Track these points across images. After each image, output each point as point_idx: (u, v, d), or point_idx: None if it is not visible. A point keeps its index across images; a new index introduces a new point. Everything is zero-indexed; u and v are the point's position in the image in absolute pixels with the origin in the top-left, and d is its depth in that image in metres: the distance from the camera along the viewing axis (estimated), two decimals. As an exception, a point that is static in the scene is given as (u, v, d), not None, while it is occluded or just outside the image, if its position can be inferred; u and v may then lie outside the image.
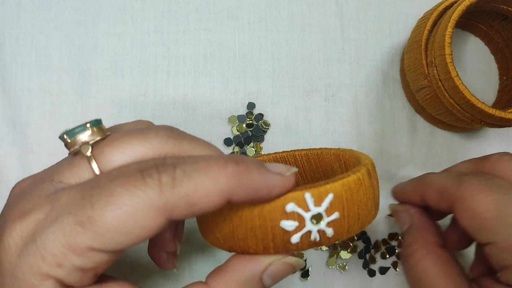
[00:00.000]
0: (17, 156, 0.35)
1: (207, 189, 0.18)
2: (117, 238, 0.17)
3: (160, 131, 0.20)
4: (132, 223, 0.17)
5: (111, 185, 0.17)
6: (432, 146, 0.38)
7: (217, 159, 0.18)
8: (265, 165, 0.20)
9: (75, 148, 0.20)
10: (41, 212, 0.18)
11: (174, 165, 0.18)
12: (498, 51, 0.39)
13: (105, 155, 0.20)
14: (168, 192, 0.17)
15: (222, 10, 0.38)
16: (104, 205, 0.17)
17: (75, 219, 0.17)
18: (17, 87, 0.36)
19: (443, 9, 0.34)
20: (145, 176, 0.17)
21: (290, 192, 0.19)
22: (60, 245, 0.17)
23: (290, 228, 0.19)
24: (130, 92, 0.37)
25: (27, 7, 0.37)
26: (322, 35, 0.38)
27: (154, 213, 0.17)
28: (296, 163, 0.29)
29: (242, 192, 0.18)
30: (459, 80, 0.31)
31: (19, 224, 0.18)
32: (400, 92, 0.39)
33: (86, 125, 0.20)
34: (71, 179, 0.20)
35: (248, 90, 0.37)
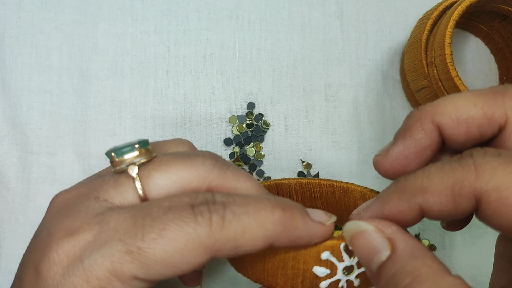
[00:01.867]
0: (17, 156, 0.35)
1: (254, 233, 0.18)
2: (162, 270, 0.18)
3: (206, 160, 0.21)
4: (180, 259, 0.18)
5: (164, 218, 0.18)
6: (432, 146, 0.38)
7: (265, 203, 0.19)
8: (308, 213, 0.20)
9: (121, 167, 0.20)
10: (89, 232, 0.18)
11: (224, 205, 0.18)
12: (498, 51, 0.39)
13: (151, 178, 0.20)
14: (218, 233, 0.18)
15: (222, 10, 0.38)
16: (156, 237, 0.17)
17: (124, 247, 0.18)
18: (17, 87, 0.36)
19: (443, 9, 0.34)
20: (197, 214, 0.18)
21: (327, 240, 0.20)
22: (106, 270, 0.17)
23: (321, 275, 0.20)
24: (130, 92, 0.37)
25: (27, 7, 0.37)
26: (322, 35, 0.38)
27: (201, 251, 0.18)
28: (321, 192, 0.29)
29: (285, 239, 0.19)
30: (459, 80, 0.31)
31: (66, 242, 0.18)
32: (400, 92, 0.39)
33: (135, 146, 0.20)
34: (115, 199, 0.20)
35: (248, 90, 0.37)
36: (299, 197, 0.30)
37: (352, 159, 0.37)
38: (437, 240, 0.37)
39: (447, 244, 0.37)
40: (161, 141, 0.24)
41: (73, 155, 0.36)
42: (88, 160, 0.36)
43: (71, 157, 0.36)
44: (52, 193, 0.36)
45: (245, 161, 0.36)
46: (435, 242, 0.37)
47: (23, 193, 0.35)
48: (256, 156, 0.36)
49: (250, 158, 0.36)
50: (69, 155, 0.36)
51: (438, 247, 0.37)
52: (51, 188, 0.35)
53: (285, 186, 0.30)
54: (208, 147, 0.37)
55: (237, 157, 0.36)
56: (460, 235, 0.37)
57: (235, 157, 0.36)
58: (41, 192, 0.35)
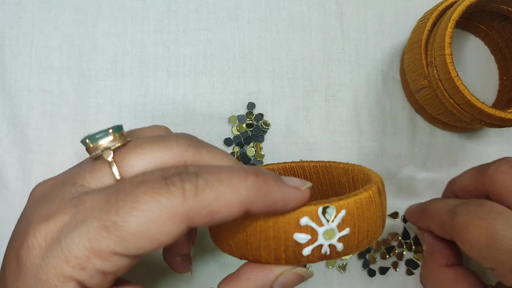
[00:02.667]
0: (17, 156, 0.35)
1: (228, 199, 0.18)
2: (140, 243, 0.18)
3: (180, 139, 0.21)
4: (156, 229, 0.18)
5: (136, 191, 0.18)
6: (433, 146, 0.38)
7: (238, 171, 0.19)
8: (282, 179, 0.20)
9: (96, 152, 0.21)
10: (65, 215, 0.18)
11: (196, 174, 0.19)
12: (498, 51, 0.39)
13: (126, 161, 0.20)
14: (191, 200, 0.18)
15: (222, 10, 0.38)
16: (129, 210, 0.17)
17: (100, 224, 0.18)
18: (17, 87, 0.36)
19: (443, 9, 0.34)
20: (169, 184, 0.18)
21: (304, 206, 0.20)
22: (85, 248, 0.17)
23: (302, 241, 0.20)
24: (130, 92, 0.37)
25: (27, 7, 0.37)
26: (322, 35, 0.38)
27: (177, 220, 0.18)
28: (305, 174, 0.30)
29: (260, 203, 0.19)
30: (459, 80, 0.31)
31: (43, 226, 0.18)
32: (400, 92, 0.39)
33: (108, 131, 0.21)
34: (92, 183, 0.20)
35: (248, 90, 0.37)
36: None
37: (352, 159, 0.37)
38: (437, 240, 0.37)
39: (447, 244, 0.37)
40: (137, 128, 0.24)
41: (73, 155, 0.36)
42: (88, 160, 0.36)
43: (71, 157, 0.36)
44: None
45: (245, 161, 0.36)
46: (435, 242, 0.37)
47: (23, 193, 0.35)
48: (256, 156, 0.36)
49: (250, 158, 0.36)
50: (69, 155, 0.36)
51: (438, 247, 0.37)
52: (51, 188, 0.35)
53: None
54: (208, 147, 0.37)
55: (237, 157, 0.36)
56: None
57: (235, 157, 0.36)
58: (41, 192, 0.35)
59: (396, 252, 0.37)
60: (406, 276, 0.37)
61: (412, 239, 0.37)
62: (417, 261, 0.37)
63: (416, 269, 0.37)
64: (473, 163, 0.38)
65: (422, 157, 0.38)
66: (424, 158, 0.38)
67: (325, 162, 0.29)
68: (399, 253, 0.37)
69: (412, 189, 0.38)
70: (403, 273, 0.37)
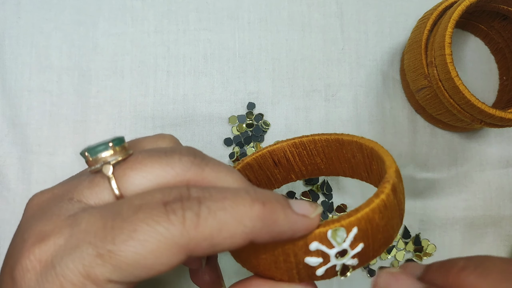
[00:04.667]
0: (17, 156, 0.35)
1: (231, 230, 0.17)
2: (136, 272, 0.17)
3: (183, 157, 0.20)
4: (153, 260, 0.17)
5: (134, 218, 0.17)
6: (433, 146, 0.38)
7: (243, 197, 0.18)
8: (290, 204, 0.19)
9: (96, 167, 0.20)
10: (60, 236, 0.18)
11: (199, 200, 0.18)
12: (498, 51, 0.39)
13: (126, 177, 0.19)
14: (192, 231, 0.17)
15: (222, 10, 0.38)
16: (126, 240, 0.17)
17: (95, 251, 0.17)
18: (17, 87, 0.36)
19: (443, 9, 0.34)
20: (169, 212, 0.17)
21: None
22: (79, 274, 0.17)
23: (314, 264, 0.19)
24: (130, 92, 0.37)
25: (27, 7, 0.37)
26: (322, 35, 0.38)
27: (175, 251, 0.17)
28: (317, 148, 0.28)
29: (266, 234, 0.18)
30: (459, 80, 0.31)
31: (37, 248, 0.18)
32: (400, 92, 0.39)
33: (109, 144, 0.20)
34: (90, 200, 0.19)
35: (248, 90, 0.37)
36: (296, 157, 0.29)
37: (352, 159, 0.37)
38: (437, 240, 0.37)
39: (447, 244, 0.37)
40: (141, 138, 0.23)
41: (73, 155, 0.36)
42: (88, 160, 0.36)
43: (71, 157, 0.36)
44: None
45: (245, 161, 0.36)
46: (435, 242, 0.37)
47: (24, 194, 0.35)
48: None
49: (250, 158, 0.36)
50: (69, 155, 0.36)
51: (438, 247, 0.37)
52: (51, 188, 0.35)
53: (278, 150, 0.29)
54: (208, 147, 0.37)
55: (237, 157, 0.36)
56: (460, 235, 0.37)
57: (235, 157, 0.36)
58: (41, 192, 0.35)
59: (396, 252, 0.37)
60: (406, 276, 0.37)
61: (412, 238, 0.37)
62: (417, 261, 0.37)
63: (416, 269, 0.37)
64: (473, 163, 0.38)
65: (422, 157, 0.38)
66: (425, 158, 0.38)
67: (337, 135, 0.27)
68: (399, 252, 0.37)
69: (413, 189, 0.38)
70: (403, 273, 0.37)
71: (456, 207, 0.38)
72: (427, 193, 0.38)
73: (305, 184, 0.37)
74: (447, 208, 0.38)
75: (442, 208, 0.38)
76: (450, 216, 0.37)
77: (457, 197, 0.38)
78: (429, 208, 0.37)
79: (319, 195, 0.37)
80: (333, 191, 0.37)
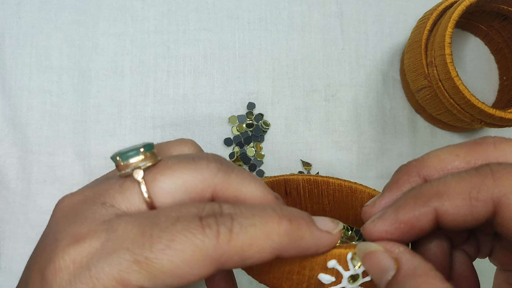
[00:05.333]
0: (17, 156, 0.35)
1: (260, 245, 0.18)
2: (168, 280, 0.18)
3: (211, 163, 0.21)
4: (186, 270, 0.18)
5: (172, 229, 0.18)
6: (433, 146, 0.38)
7: (271, 215, 0.19)
8: (314, 221, 0.20)
9: (126, 171, 0.20)
10: (97, 240, 0.18)
11: (231, 217, 0.18)
12: (498, 51, 0.39)
13: (156, 182, 0.20)
14: (225, 245, 0.18)
15: (222, 10, 0.38)
16: (164, 248, 0.17)
17: (132, 257, 0.17)
18: (17, 87, 0.36)
19: (443, 9, 0.34)
20: (205, 226, 0.18)
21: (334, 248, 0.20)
22: (113, 279, 0.17)
23: (326, 282, 0.20)
24: (130, 92, 0.37)
25: (27, 7, 0.37)
26: (322, 35, 0.38)
27: (208, 263, 0.18)
28: (328, 190, 0.29)
29: (292, 250, 0.19)
30: (459, 80, 0.31)
31: (73, 249, 0.18)
32: (400, 92, 0.39)
33: (140, 150, 0.20)
34: (122, 205, 0.20)
35: (248, 90, 0.37)
36: (307, 193, 0.30)
37: (352, 159, 0.37)
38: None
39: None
40: (164, 143, 0.24)
41: (73, 155, 0.36)
42: (88, 160, 0.36)
43: (71, 157, 0.36)
44: (52, 193, 0.36)
45: (245, 161, 0.36)
46: (435, 242, 0.37)
47: (24, 193, 0.35)
48: (256, 156, 0.36)
49: (250, 158, 0.36)
50: (69, 155, 0.36)
51: (438, 247, 0.37)
52: (51, 188, 0.35)
53: (293, 182, 0.30)
54: (208, 147, 0.37)
55: (237, 157, 0.36)
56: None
57: (235, 157, 0.36)
58: (42, 192, 0.35)
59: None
60: (406, 276, 0.37)
61: (412, 239, 0.37)
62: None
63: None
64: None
65: (422, 157, 0.38)
66: (424, 158, 0.38)
67: (351, 183, 0.28)
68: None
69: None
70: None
71: (456, 207, 0.38)
72: (427, 193, 0.38)
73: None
74: (447, 208, 0.38)
75: (442, 208, 0.38)
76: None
77: (457, 197, 0.38)
78: (429, 208, 0.37)
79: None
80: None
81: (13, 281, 0.34)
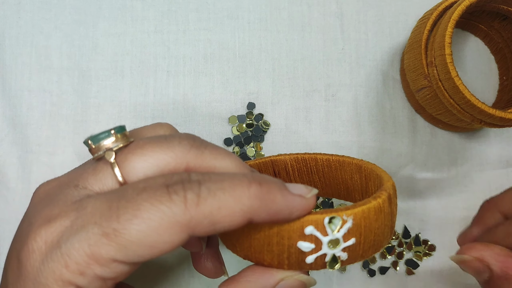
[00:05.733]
0: (17, 156, 0.35)
1: (230, 208, 0.18)
2: (140, 251, 0.18)
3: (183, 140, 0.21)
4: (156, 238, 0.17)
5: (138, 198, 0.18)
6: (433, 146, 0.38)
7: (241, 179, 0.19)
8: (286, 186, 0.20)
9: (99, 154, 0.20)
10: (67, 219, 0.18)
11: (199, 182, 0.18)
12: (498, 51, 0.39)
13: (128, 162, 0.20)
14: (193, 209, 0.18)
15: (222, 10, 0.38)
16: (130, 218, 0.17)
17: (100, 230, 0.18)
18: (17, 87, 0.36)
19: (443, 9, 0.34)
20: (171, 192, 0.18)
21: (310, 215, 0.20)
22: (84, 254, 0.17)
23: (306, 250, 0.20)
24: (130, 92, 0.37)
25: (27, 7, 0.37)
26: (322, 35, 0.38)
27: (178, 229, 0.18)
28: (317, 166, 0.29)
29: (263, 213, 0.19)
30: (459, 80, 0.31)
31: (44, 230, 0.18)
32: (400, 92, 0.39)
33: (111, 132, 0.21)
34: (94, 186, 0.20)
35: (248, 90, 0.37)
36: (296, 172, 0.30)
37: (352, 159, 0.37)
38: (437, 240, 0.37)
39: (447, 244, 0.37)
40: (140, 128, 0.24)
41: (73, 155, 0.36)
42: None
43: (71, 157, 0.36)
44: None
45: (245, 161, 0.36)
46: (435, 242, 0.37)
47: (23, 193, 0.35)
48: (256, 156, 0.36)
49: (250, 158, 0.36)
50: (69, 155, 0.36)
51: (438, 247, 0.37)
52: (51, 188, 0.35)
53: (280, 162, 0.29)
54: (208, 147, 0.37)
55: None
56: (460, 235, 0.37)
57: (235, 157, 0.36)
58: (41, 192, 0.35)
59: (396, 252, 0.37)
60: (406, 276, 0.37)
61: (412, 238, 0.37)
62: (417, 261, 0.37)
63: (416, 268, 0.37)
64: (473, 163, 0.38)
65: (422, 157, 0.38)
66: (424, 158, 0.38)
67: (338, 156, 0.28)
68: (399, 252, 0.37)
69: (412, 189, 0.38)
70: (403, 273, 0.37)
71: (456, 207, 0.38)
72: (427, 193, 0.38)
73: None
74: (447, 208, 0.38)
75: (442, 208, 0.38)
76: (450, 216, 0.37)
77: (457, 197, 0.38)
78: (429, 208, 0.37)
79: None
80: (333, 191, 0.37)
81: (13, 281, 0.34)
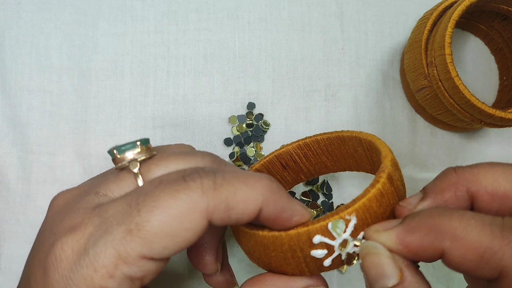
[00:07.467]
0: (17, 156, 0.35)
1: (244, 194, 0.19)
2: (164, 242, 0.18)
3: (206, 157, 0.22)
4: (178, 226, 0.18)
5: (156, 190, 0.18)
6: (433, 146, 0.38)
7: (252, 173, 0.20)
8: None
9: (123, 163, 0.21)
10: (90, 225, 0.19)
11: (214, 172, 0.19)
12: (498, 51, 0.39)
13: (152, 172, 0.21)
14: (210, 194, 0.18)
15: (222, 10, 0.38)
16: (150, 210, 0.18)
17: (123, 228, 0.18)
18: (17, 87, 0.36)
19: (443, 9, 0.34)
20: (188, 180, 0.19)
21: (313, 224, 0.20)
22: (111, 256, 0.18)
23: (320, 256, 0.20)
24: (130, 92, 0.37)
25: (27, 7, 0.37)
26: (322, 35, 0.38)
27: (197, 215, 0.18)
28: (321, 147, 0.30)
29: (272, 206, 0.20)
30: (459, 80, 0.31)
31: (70, 238, 0.19)
32: (400, 92, 0.39)
33: (136, 143, 0.21)
34: (116, 193, 0.20)
35: (248, 90, 0.37)
36: (303, 158, 0.30)
37: (352, 159, 0.37)
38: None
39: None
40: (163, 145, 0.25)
41: (73, 155, 0.36)
42: (88, 160, 0.36)
43: (71, 157, 0.36)
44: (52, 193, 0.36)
45: (245, 161, 0.36)
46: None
47: (24, 193, 0.35)
48: (256, 156, 0.36)
49: (250, 158, 0.36)
50: (69, 155, 0.36)
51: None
52: (51, 188, 0.35)
53: (285, 154, 0.30)
54: (208, 147, 0.37)
55: (237, 157, 0.36)
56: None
57: (235, 157, 0.36)
58: (42, 192, 0.35)
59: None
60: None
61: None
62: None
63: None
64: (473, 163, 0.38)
65: (422, 157, 0.38)
66: (424, 158, 0.38)
67: (338, 132, 0.28)
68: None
69: (412, 189, 0.38)
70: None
71: (456, 207, 0.38)
72: (427, 193, 0.38)
73: (305, 184, 0.37)
74: (447, 208, 0.38)
75: (442, 208, 0.38)
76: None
77: (457, 197, 0.38)
78: (429, 208, 0.37)
79: (319, 195, 0.37)
80: (333, 191, 0.37)
81: (13, 281, 0.34)
